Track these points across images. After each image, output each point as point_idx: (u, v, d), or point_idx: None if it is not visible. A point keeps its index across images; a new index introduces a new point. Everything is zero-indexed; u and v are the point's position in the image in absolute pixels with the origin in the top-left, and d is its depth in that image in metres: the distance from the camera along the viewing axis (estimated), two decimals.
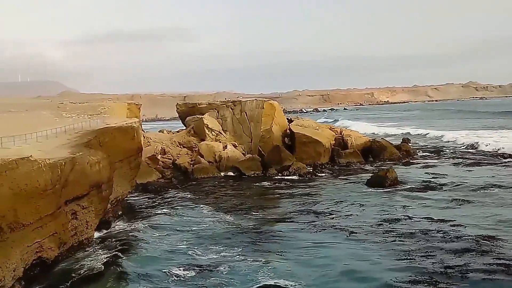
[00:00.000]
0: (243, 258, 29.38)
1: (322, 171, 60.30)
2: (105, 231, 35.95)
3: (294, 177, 57.20)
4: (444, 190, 46.08)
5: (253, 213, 40.73)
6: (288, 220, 38.13)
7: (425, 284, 24.43)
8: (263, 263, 28.11)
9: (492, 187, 45.97)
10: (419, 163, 63.32)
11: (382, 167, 57.29)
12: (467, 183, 48.55)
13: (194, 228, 36.66)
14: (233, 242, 32.53)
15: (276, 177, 57.45)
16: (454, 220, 35.05)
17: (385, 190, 47.37)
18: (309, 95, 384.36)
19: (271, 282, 25.39)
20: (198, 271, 27.60)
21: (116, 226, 37.77)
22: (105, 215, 35.85)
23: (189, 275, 27.04)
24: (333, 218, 38.07)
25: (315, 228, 35.46)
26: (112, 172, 35.54)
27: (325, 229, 35.02)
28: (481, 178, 50.39)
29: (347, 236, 33.05)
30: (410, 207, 39.95)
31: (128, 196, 45.80)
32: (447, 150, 74.80)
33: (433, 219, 35.85)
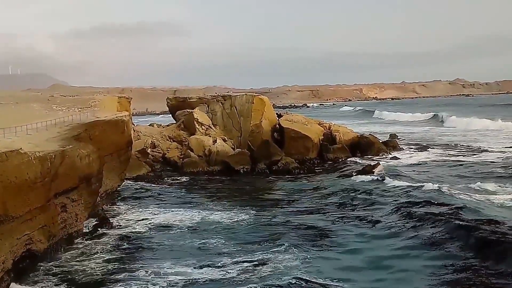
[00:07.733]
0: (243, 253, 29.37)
1: (310, 166, 60.77)
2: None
3: (282, 171, 57.72)
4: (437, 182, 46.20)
5: (245, 207, 40.81)
6: (281, 215, 38.26)
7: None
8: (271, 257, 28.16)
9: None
10: (406, 158, 64.19)
11: (369, 162, 57.86)
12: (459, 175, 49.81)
13: (186, 223, 36.64)
14: (231, 237, 32.66)
15: (265, 172, 58.01)
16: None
17: (373, 181, 47.86)
18: (298, 91, 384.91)
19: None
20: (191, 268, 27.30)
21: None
22: (95, 208, 36.00)
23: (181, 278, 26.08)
24: (327, 211, 38.80)
25: (314, 218, 36.14)
26: (102, 165, 35.66)
27: (327, 219, 35.91)
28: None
29: (352, 230, 33.61)
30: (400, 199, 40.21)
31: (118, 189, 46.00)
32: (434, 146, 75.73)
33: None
